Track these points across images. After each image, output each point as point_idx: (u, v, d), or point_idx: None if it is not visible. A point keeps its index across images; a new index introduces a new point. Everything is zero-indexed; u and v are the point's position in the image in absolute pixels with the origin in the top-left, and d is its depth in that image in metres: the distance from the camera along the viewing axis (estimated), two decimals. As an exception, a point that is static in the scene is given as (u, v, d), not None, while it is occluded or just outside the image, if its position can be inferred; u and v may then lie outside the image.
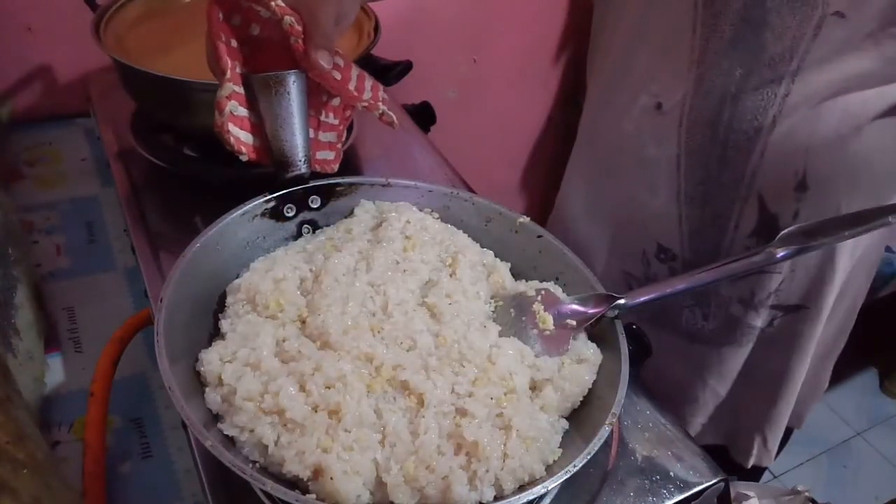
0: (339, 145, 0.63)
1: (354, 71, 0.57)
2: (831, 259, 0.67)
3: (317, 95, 0.59)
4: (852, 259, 0.69)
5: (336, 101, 0.60)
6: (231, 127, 0.55)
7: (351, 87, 0.56)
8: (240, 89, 0.55)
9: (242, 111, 0.55)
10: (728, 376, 0.77)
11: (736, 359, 0.75)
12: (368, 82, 0.58)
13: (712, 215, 0.69)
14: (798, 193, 0.64)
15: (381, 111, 0.58)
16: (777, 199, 0.65)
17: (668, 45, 0.66)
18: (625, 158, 0.73)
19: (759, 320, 0.72)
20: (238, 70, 0.55)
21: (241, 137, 0.56)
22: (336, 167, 0.62)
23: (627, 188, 0.74)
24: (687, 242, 0.72)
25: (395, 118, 0.59)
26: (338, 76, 0.55)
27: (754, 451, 0.80)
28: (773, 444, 0.80)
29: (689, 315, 0.75)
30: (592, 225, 0.81)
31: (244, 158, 0.56)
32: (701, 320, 0.75)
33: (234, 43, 0.55)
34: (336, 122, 0.61)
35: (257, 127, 0.57)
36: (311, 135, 0.59)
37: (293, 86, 0.55)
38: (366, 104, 0.57)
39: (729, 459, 0.83)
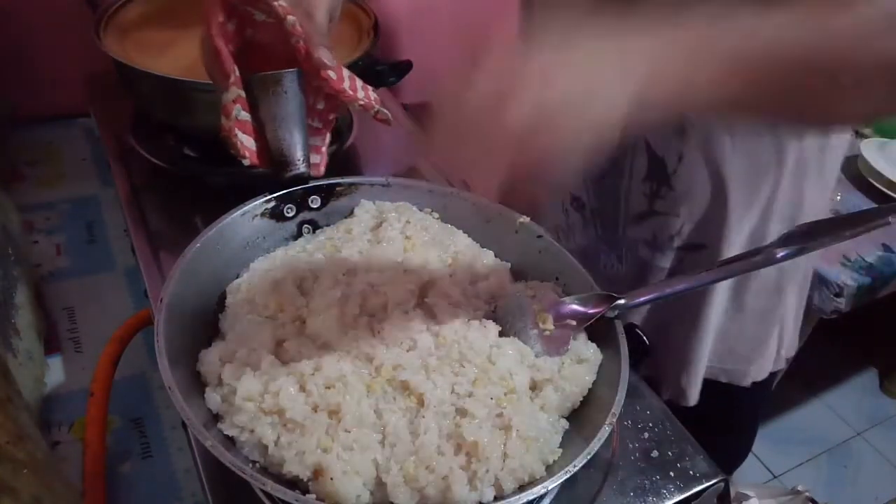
0: (325, 148, 0.63)
1: (345, 71, 0.57)
2: (723, 197, 0.69)
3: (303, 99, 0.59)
4: (752, 205, 0.70)
5: (321, 105, 0.60)
6: (237, 131, 0.55)
7: (346, 86, 0.56)
8: (243, 93, 0.55)
9: (246, 115, 0.55)
10: (646, 315, 0.80)
11: (660, 306, 0.79)
12: (358, 82, 0.58)
13: (609, 164, 0.72)
14: (679, 136, 0.67)
15: (376, 110, 0.58)
16: (661, 143, 0.68)
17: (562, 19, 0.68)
18: None
19: (665, 261, 0.76)
20: (237, 73, 0.55)
21: (244, 142, 0.56)
22: (323, 170, 0.62)
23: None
24: (592, 191, 0.75)
25: (389, 115, 0.59)
26: (334, 75, 0.55)
27: (669, 388, 0.83)
28: (689, 383, 0.82)
29: (606, 259, 0.78)
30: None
31: (246, 162, 0.56)
32: (616, 263, 0.78)
33: (230, 47, 0.55)
34: (320, 125, 0.61)
35: (257, 131, 0.57)
36: None
37: (291, 85, 0.55)
38: (362, 103, 0.57)
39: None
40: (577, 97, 0.40)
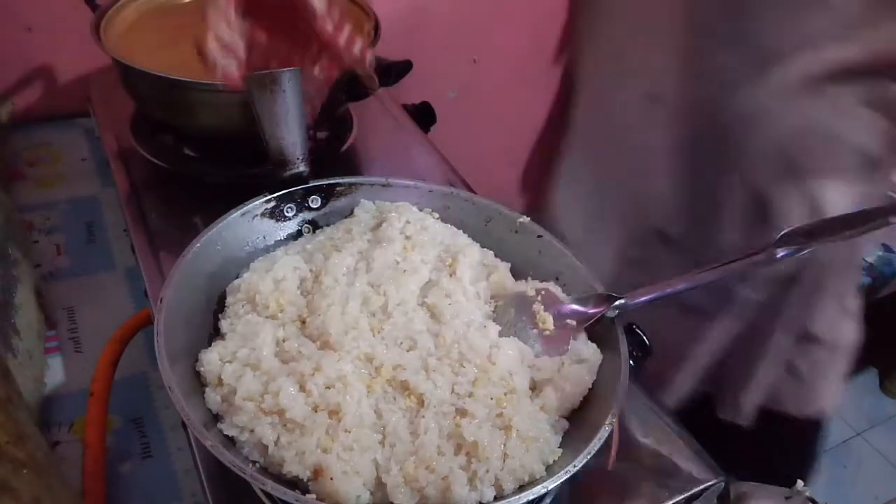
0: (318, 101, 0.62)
1: (347, 28, 0.57)
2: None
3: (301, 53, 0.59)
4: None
5: (324, 60, 0.59)
6: (212, 45, 0.54)
7: (341, 39, 0.55)
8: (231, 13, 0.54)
9: (230, 34, 0.55)
10: (721, 342, 0.79)
11: (729, 329, 0.77)
12: (359, 42, 0.57)
13: (706, 200, 0.71)
14: (789, 175, 0.66)
15: (365, 72, 0.57)
16: (763, 180, 0.67)
17: (654, 35, 0.67)
18: (619, 150, 0.74)
19: (755, 293, 0.74)
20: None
21: (217, 58, 0.55)
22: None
23: (623, 179, 0.75)
24: (684, 226, 0.74)
25: (377, 82, 0.58)
26: (330, 28, 0.55)
27: (728, 404, 0.82)
28: (746, 402, 0.80)
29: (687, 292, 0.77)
30: (592, 219, 0.81)
31: (219, 81, 0.55)
32: (698, 294, 0.76)
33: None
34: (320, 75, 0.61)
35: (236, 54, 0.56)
36: None
37: (289, 84, 0.55)
38: (353, 60, 0.56)
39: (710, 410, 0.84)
40: None
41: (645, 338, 0.56)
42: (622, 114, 0.74)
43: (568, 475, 0.43)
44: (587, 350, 0.53)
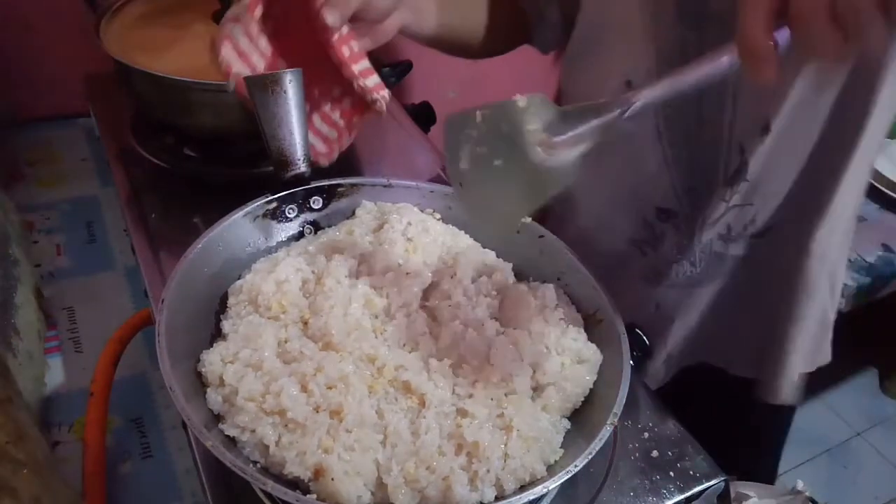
0: (336, 143, 0.63)
1: (365, 62, 0.57)
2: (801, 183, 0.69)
3: (328, 88, 0.60)
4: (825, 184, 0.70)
5: (347, 103, 0.60)
6: (226, 47, 0.55)
7: (356, 69, 0.56)
8: (252, 17, 0.54)
9: (245, 41, 0.55)
10: (726, 310, 0.80)
11: (731, 293, 0.79)
12: (374, 78, 0.58)
13: (701, 171, 0.72)
14: (762, 136, 0.66)
15: (373, 98, 0.58)
16: (744, 141, 0.68)
17: (623, 24, 0.68)
18: (607, 138, 0.74)
19: (738, 249, 0.76)
20: (260, 11, 0.55)
21: (231, 63, 0.55)
22: (325, 161, 0.62)
23: (615, 167, 0.76)
24: (684, 199, 0.75)
25: (384, 108, 0.59)
26: (346, 53, 0.55)
27: (775, 386, 0.82)
28: (784, 381, 0.81)
29: (678, 268, 0.78)
30: (590, 205, 0.82)
31: (229, 87, 0.56)
32: (689, 268, 0.78)
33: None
34: (340, 121, 0.61)
35: (251, 64, 0.57)
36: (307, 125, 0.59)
37: (290, 85, 0.55)
38: (361, 84, 0.57)
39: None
40: None
41: (645, 338, 0.56)
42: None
43: (569, 475, 0.43)
44: (588, 350, 0.53)
